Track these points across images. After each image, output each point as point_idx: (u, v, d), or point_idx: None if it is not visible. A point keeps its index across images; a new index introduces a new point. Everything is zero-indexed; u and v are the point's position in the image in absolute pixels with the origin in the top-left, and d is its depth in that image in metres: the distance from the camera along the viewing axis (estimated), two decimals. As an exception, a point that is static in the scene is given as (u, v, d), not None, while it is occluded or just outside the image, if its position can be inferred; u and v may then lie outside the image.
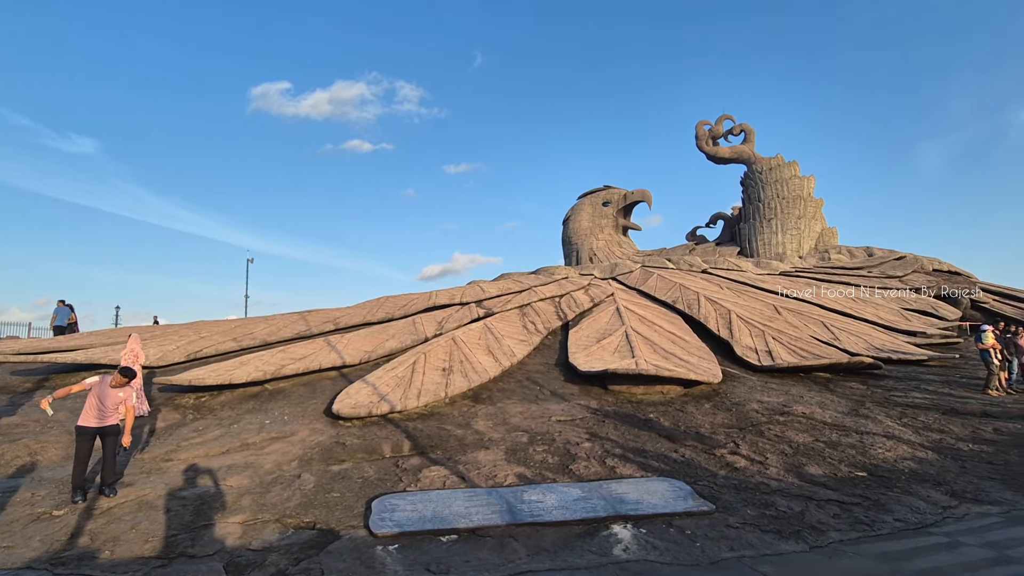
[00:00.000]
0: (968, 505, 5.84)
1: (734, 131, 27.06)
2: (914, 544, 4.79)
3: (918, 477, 6.62)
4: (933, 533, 5.10)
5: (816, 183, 24.36)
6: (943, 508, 5.72)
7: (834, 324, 15.55)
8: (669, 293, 17.94)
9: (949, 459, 7.30)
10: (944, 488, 6.30)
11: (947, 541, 4.89)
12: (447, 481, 6.15)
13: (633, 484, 5.94)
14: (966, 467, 7.01)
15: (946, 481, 6.50)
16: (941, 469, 6.91)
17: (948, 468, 6.95)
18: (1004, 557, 4.50)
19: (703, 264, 22.13)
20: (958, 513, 5.61)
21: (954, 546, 4.76)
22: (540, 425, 8.31)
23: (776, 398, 10.00)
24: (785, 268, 22.08)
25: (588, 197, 29.53)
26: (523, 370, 11.66)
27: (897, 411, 9.50)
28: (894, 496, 5.95)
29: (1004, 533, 5.07)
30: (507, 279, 21.00)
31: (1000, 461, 7.21)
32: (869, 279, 20.11)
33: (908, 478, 6.56)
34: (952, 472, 6.80)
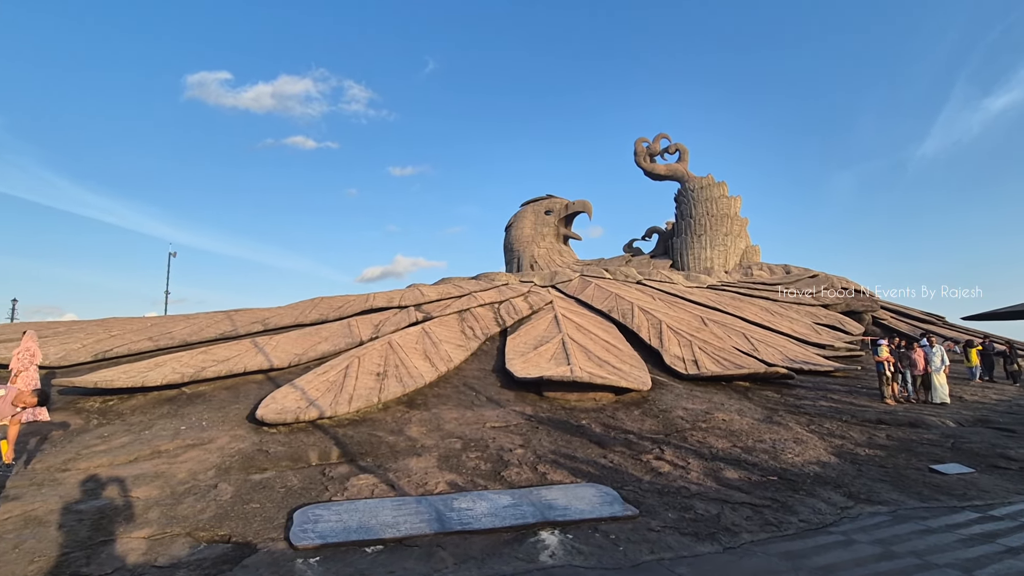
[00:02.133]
0: (862, 505, 6.38)
1: (670, 150, 28.35)
2: (814, 543, 5.17)
3: (821, 480, 7.16)
4: (832, 532, 5.53)
5: (742, 203, 25.94)
6: (841, 508, 6.22)
7: (754, 336, 16.57)
8: (605, 302, 18.46)
9: (848, 463, 7.96)
10: (843, 490, 6.85)
11: (843, 539, 5.32)
12: (376, 490, 6.01)
13: (563, 490, 6.06)
14: (862, 470, 7.66)
15: (845, 483, 7.07)
16: (841, 472, 7.51)
17: (847, 471, 7.57)
18: (889, 552, 4.96)
19: (638, 275, 22.95)
20: (853, 513, 6.11)
21: (848, 544, 5.19)
22: (474, 431, 8.30)
23: (700, 405, 10.51)
24: (712, 282, 23.29)
25: (531, 205, 29.92)
26: (460, 375, 11.62)
27: (806, 418, 10.24)
28: (799, 498, 6.41)
29: (891, 531, 5.58)
30: (448, 284, 20.87)
31: (890, 464, 7.94)
32: (786, 294, 21.61)
33: (813, 481, 7.08)
34: (850, 475, 7.41)
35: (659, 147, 28.33)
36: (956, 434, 9.66)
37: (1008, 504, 6.61)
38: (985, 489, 7.16)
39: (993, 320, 25.37)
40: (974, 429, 10.03)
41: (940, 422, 10.36)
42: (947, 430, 9.87)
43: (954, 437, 9.46)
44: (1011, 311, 24.17)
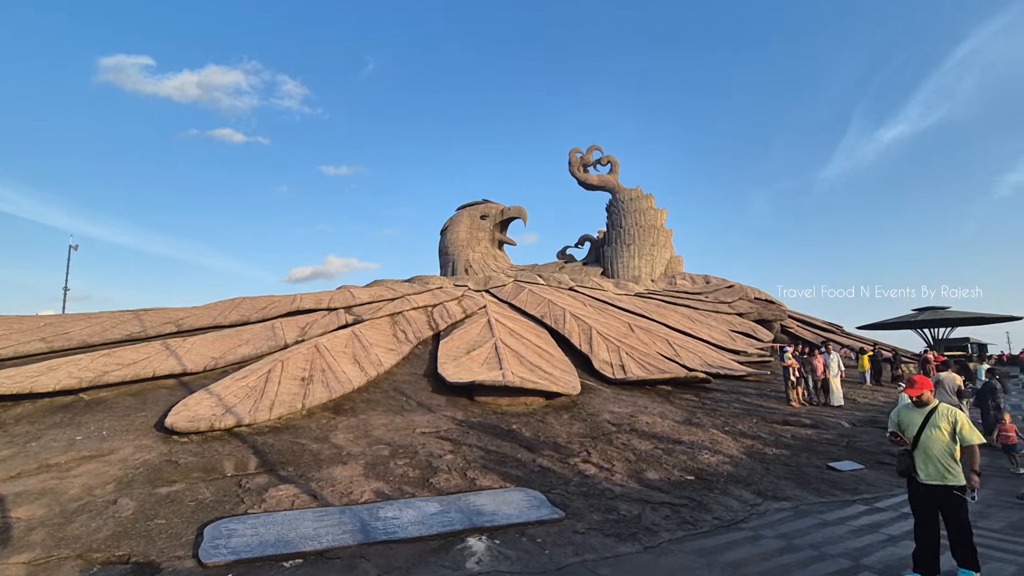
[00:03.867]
0: (769, 502, 6.87)
1: (602, 161, 29.31)
2: (726, 539, 5.51)
3: (734, 479, 7.64)
4: (742, 528, 5.92)
5: (667, 215, 27.29)
6: (751, 506, 6.67)
7: (677, 342, 17.43)
8: (538, 308, 18.74)
9: (758, 462, 8.54)
10: (752, 488, 7.35)
11: (752, 535, 5.70)
12: (296, 500, 5.75)
13: (491, 495, 6.08)
14: (770, 469, 8.25)
15: (754, 481, 7.59)
16: (751, 471, 8.05)
17: (756, 470, 8.12)
18: (791, 546, 5.37)
19: (570, 282, 23.50)
20: (761, 509, 6.57)
21: (756, 539, 5.57)
22: (404, 437, 8.15)
23: (625, 408, 10.91)
24: (640, 290, 24.27)
25: (467, 209, 29.87)
26: (390, 380, 11.37)
27: (721, 420, 10.89)
28: (714, 497, 6.80)
29: (793, 525, 6.05)
30: (380, 286, 20.38)
31: (794, 463, 8.61)
32: (705, 303, 22.91)
33: (726, 480, 7.54)
34: (759, 473, 7.96)
35: (592, 158, 29.24)
36: (850, 434, 10.62)
37: (891, 496, 7.35)
38: (873, 484, 7.92)
39: (882, 329, 28.21)
40: (864, 429, 11.08)
41: (837, 423, 11.36)
42: (842, 430, 10.84)
43: (848, 436, 10.41)
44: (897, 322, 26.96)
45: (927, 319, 24.86)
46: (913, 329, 26.15)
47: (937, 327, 25.48)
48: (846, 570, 4.81)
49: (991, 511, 6.68)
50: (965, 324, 25.70)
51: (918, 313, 25.39)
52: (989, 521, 6.27)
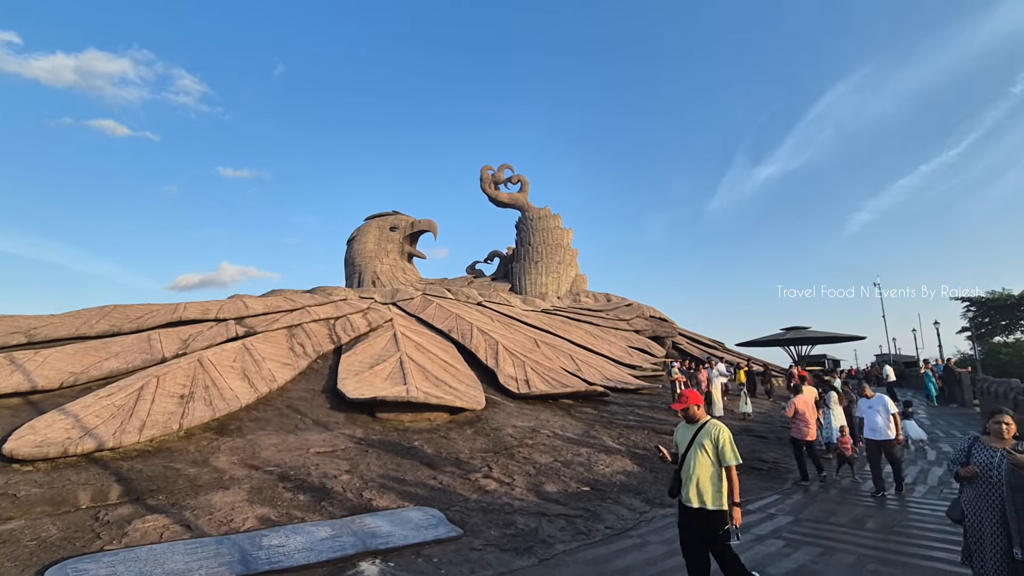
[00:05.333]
0: (656, 509, 7.31)
1: (512, 180, 30.02)
2: (617, 547, 5.77)
3: (626, 488, 8.04)
4: (631, 536, 6.23)
5: (573, 235, 28.48)
6: (640, 513, 7.04)
7: (579, 357, 18.10)
8: (446, 322, 18.62)
9: (648, 471, 9.06)
10: (642, 496, 7.78)
11: (640, 542, 6.02)
12: (166, 532, 5.20)
13: (388, 516, 5.89)
14: (658, 477, 8.78)
15: (644, 490, 8.03)
16: (642, 480, 8.52)
17: (646, 479, 8.61)
18: (673, 551, 5.71)
19: (479, 297, 23.64)
20: (649, 516, 6.97)
21: (643, 545, 5.88)
22: (296, 458, 7.68)
23: (528, 423, 11.11)
24: (546, 306, 24.98)
25: (376, 220, 29.14)
26: (284, 397, 10.69)
27: (616, 432, 11.44)
28: (607, 506, 7.11)
29: (675, 531, 6.46)
30: (278, 296, 19.18)
31: (680, 471, 9.23)
32: (606, 320, 24.08)
33: (619, 489, 7.91)
34: (648, 482, 8.45)
35: (503, 176, 29.86)
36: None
37: (760, 499, 8.12)
38: (746, 488, 8.69)
39: (756, 346, 31.28)
40: (739, 437, 12.16)
41: (717, 432, 12.36)
42: (722, 439, 11.82)
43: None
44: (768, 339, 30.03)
45: (792, 337, 28.09)
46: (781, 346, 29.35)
47: (800, 344, 28.82)
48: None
49: (840, 508, 7.58)
50: (823, 342, 29.34)
51: (785, 332, 28.60)
52: (837, 517, 7.12)
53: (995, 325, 31.15)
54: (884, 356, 37.28)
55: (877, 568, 5.20)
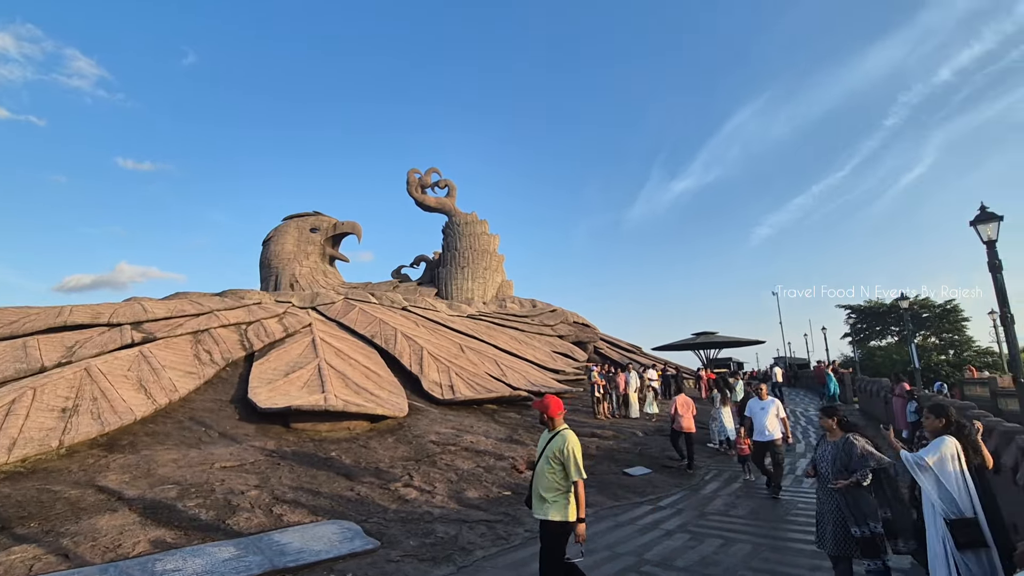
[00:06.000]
0: (574, 510, 7.51)
1: (440, 184, 29.83)
2: (533, 551, 5.85)
3: (546, 491, 8.20)
4: (549, 537, 6.36)
5: (500, 241, 28.75)
6: (558, 515, 7.20)
7: (504, 362, 18.25)
8: (369, 327, 18.11)
9: (568, 474, 9.29)
10: (561, 498, 7.96)
11: (557, 542, 6.16)
12: (36, 564, 4.64)
13: (300, 531, 5.63)
14: (577, 479, 9.03)
15: (563, 492, 8.23)
16: (561, 482, 8.72)
17: (566, 481, 8.83)
18: (589, 549, 5.89)
19: (404, 301, 23.22)
20: (567, 517, 7.14)
21: (560, 545, 6.03)
22: (198, 474, 7.14)
23: (451, 429, 11.04)
24: (472, 311, 24.98)
25: (295, 220, 27.82)
26: (187, 408, 9.92)
27: (538, 435, 11.63)
28: (527, 510, 7.20)
29: (592, 529, 6.65)
30: (182, 299, 17.76)
31: (597, 471, 9.55)
32: (531, 325, 24.49)
33: (539, 493, 8.05)
34: (568, 484, 8.66)
35: (430, 180, 29.58)
36: (642, 442, 12.16)
37: (670, 495, 8.58)
38: (658, 485, 9.16)
39: (670, 350, 33.05)
40: (653, 437, 12.78)
41: (632, 432, 12.92)
42: (637, 439, 12.37)
43: (641, 444, 11.90)
44: (680, 344, 31.84)
45: (702, 342, 30.02)
46: (692, 350, 31.26)
47: (709, 348, 30.85)
48: (631, 566, 5.46)
49: (739, 501, 8.17)
50: (729, 346, 31.57)
51: (696, 337, 30.50)
52: (737, 510, 7.67)
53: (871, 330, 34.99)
54: (781, 358, 40.75)
55: (768, 555, 5.66)
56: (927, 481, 3.78)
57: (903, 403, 11.52)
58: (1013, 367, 9.28)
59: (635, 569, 5.36)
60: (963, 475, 3.70)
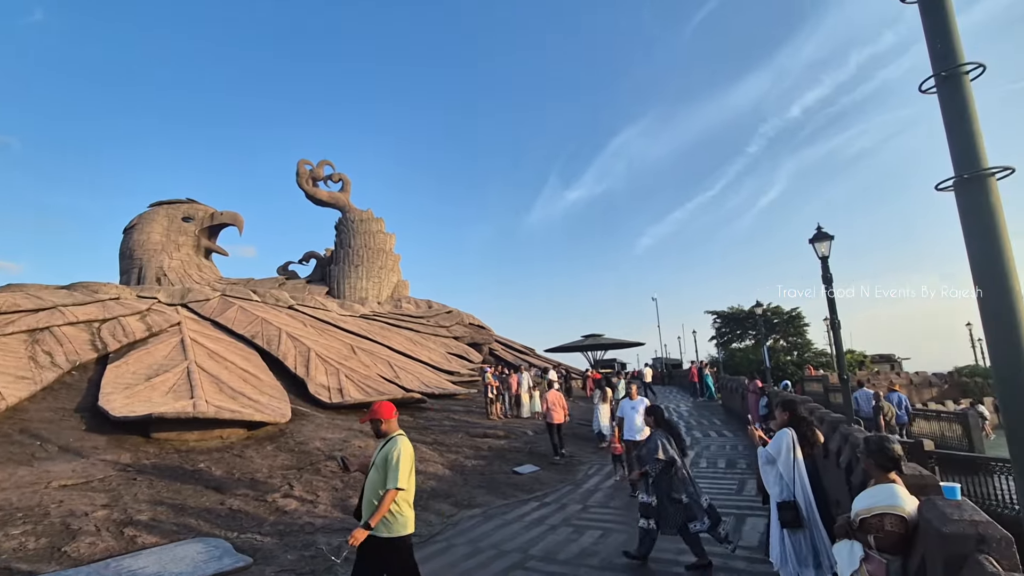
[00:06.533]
0: (464, 511, 7.57)
1: (333, 178, 28.46)
2: (421, 555, 5.80)
3: (436, 493, 8.17)
4: (438, 541, 6.35)
5: (396, 240, 28.10)
6: (447, 517, 7.22)
7: (398, 364, 17.88)
8: (249, 327, 16.81)
9: (458, 474, 9.34)
10: (451, 500, 7.99)
11: (445, 546, 6.17)
12: None
13: (157, 554, 5.09)
14: (467, 479, 9.11)
15: (454, 493, 8.26)
16: (452, 484, 8.75)
17: (456, 482, 8.87)
18: (477, 549, 6.01)
19: (291, 300, 21.85)
20: (456, 519, 7.19)
21: (448, 549, 6.05)
22: (28, 496, 6.17)
23: (339, 434, 10.59)
24: (365, 312, 24.16)
25: (164, 207, 25.03)
26: (17, 419, 8.53)
27: (431, 438, 11.56)
28: (417, 514, 7.10)
29: (481, 529, 6.79)
30: (16, 292, 15.18)
31: (488, 471, 9.71)
32: (427, 327, 24.24)
33: (429, 496, 8.00)
34: (458, 485, 8.71)
35: (323, 173, 28.09)
36: (532, 440, 12.56)
37: (556, 491, 8.95)
38: (545, 483, 9.51)
39: (562, 352, 34.47)
40: (543, 436, 13.23)
41: (523, 432, 13.30)
42: (527, 438, 12.75)
43: (531, 443, 12.28)
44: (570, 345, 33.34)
45: (590, 344, 31.69)
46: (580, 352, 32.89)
47: (596, 350, 32.64)
48: (517, 562, 5.62)
49: (618, 494, 8.73)
50: (614, 348, 33.63)
51: (585, 339, 32.12)
52: (615, 502, 8.20)
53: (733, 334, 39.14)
54: (659, 359, 44.21)
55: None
56: (771, 473, 4.34)
57: (756, 399, 13.04)
58: (838, 366, 10.90)
59: (520, 565, 5.53)
60: (795, 463, 4.29)
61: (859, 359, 31.68)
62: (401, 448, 3.52)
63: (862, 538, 2.99)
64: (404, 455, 3.52)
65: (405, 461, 3.50)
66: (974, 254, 3.51)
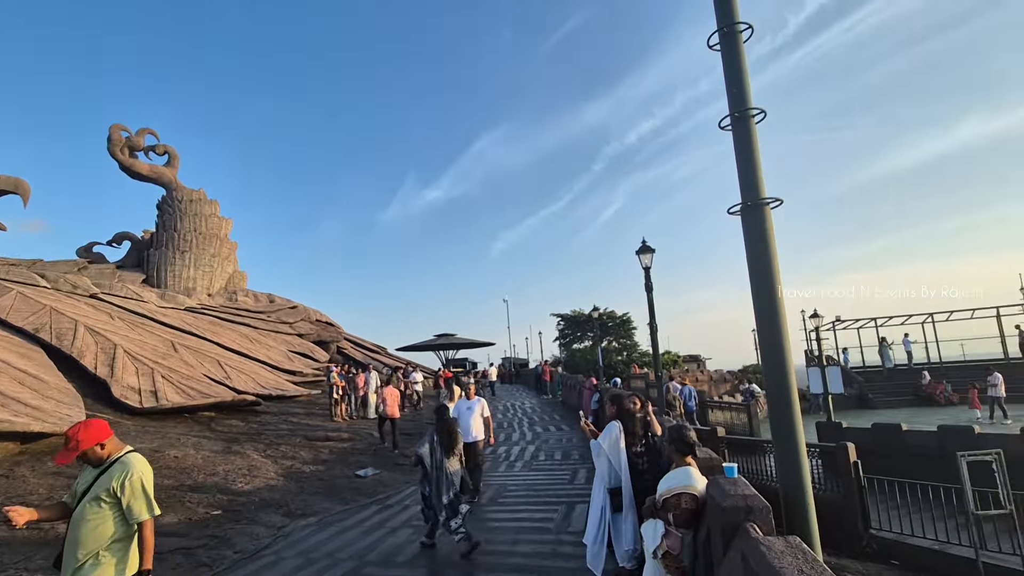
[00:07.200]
0: (298, 520, 7.12)
1: (157, 149, 24.69)
2: (245, 571, 5.36)
3: (266, 504, 7.57)
4: (264, 555, 5.89)
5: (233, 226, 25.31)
6: (278, 529, 6.74)
7: (229, 363, 16.16)
8: (32, 318, 13.88)
9: (294, 482, 8.75)
10: (284, 510, 7.46)
11: (274, 559, 5.74)
12: None
13: None
14: (304, 487, 8.58)
15: (287, 503, 7.73)
16: (286, 493, 8.17)
17: (291, 490, 8.31)
18: (309, 560, 5.69)
19: (93, 287, 18.50)
20: (288, 530, 6.73)
21: (277, 562, 5.64)
22: None
23: (150, 443, 9.27)
24: (193, 304, 21.43)
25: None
26: None
27: (264, 444, 10.67)
28: (241, 528, 6.54)
29: (315, 538, 6.45)
30: None
31: (327, 476, 9.25)
32: (267, 322, 22.27)
33: (258, 507, 7.38)
34: (292, 493, 8.17)
35: (143, 142, 24.13)
36: (377, 442, 12.26)
37: (399, 492, 8.84)
38: (389, 484, 9.34)
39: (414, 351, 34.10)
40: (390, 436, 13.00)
41: (369, 433, 12.92)
42: (373, 439, 12.41)
43: (376, 445, 11.99)
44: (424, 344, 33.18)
45: (442, 343, 31.83)
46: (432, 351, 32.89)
47: (448, 349, 32.89)
48: (352, 570, 5.45)
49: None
50: (466, 347, 34.21)
51: (437, 338, 32.18)
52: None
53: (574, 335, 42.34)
54: (508, 359, 46.04)
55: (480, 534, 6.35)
56: (602, 464, 4.80)
57: (590, 394, 14.29)
58: (655, 364, 12.47)
59: (356, 572, 5.37)
60: (620, 453, 4.81)
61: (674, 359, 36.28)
62: (142, 469, 2.78)
63: (664, 516, 3.48)
64: (148, 475, 2.80)
65: (150, 481, 2.79)
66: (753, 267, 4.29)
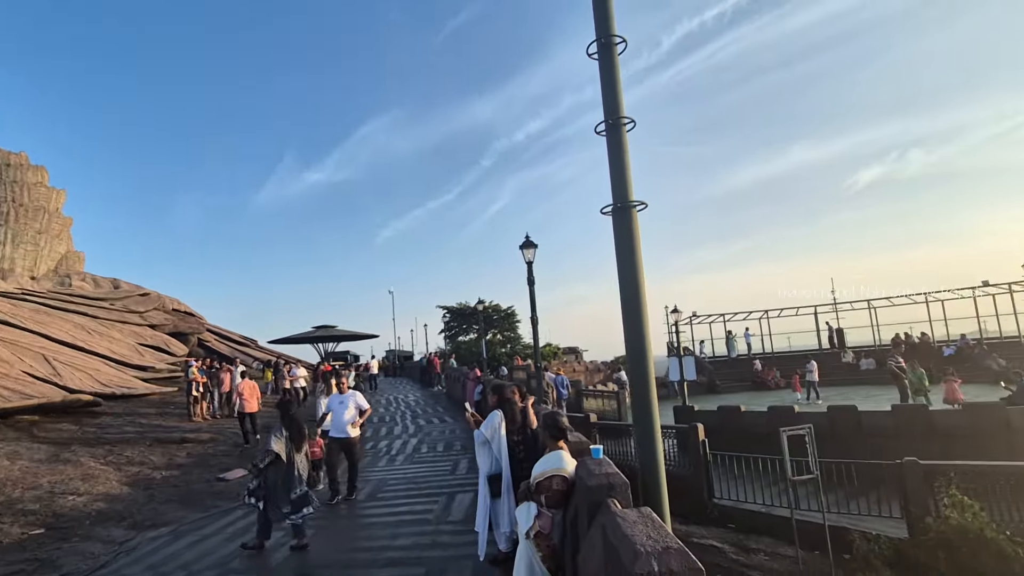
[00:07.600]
0: (145, 532, 6.38)
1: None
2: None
3: (104, 517, 6.68)
4: (101, 574, 5.20)
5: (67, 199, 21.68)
6: (120, 544, 5.98)
7: (59, 359, 13.92)
8: None
9: (141, 490, 7.81)
10: (128, 522, 6.64)
11: (113, 577, 5.10)
12: None
13: None
14: (154, 495, 7.70)
15: (131, 514, 6.88)
16: (131, 503, 7.27)
17: (137, 500, 7.41)
18: (158, 575, 5.14)
19: None
20: (133, 544, 6.00)
21: (118, 581, 5.02)
22: None
23: (-55, 457, 7.71)
24: (10, 288, 18.06)
25: None
26: None
27: (104, 449, 9.39)
28: (71, 547, 5.71)
29: (168, 551, 5.82)
30: None
31: (183, 482, 8.39)
32: (111, 311, 19.48)
33: (93, 521, 6.50)
34: (139, 503, 7.29)
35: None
36: (241, 442, 11.32)
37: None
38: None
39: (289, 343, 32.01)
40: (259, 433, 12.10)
41: (234, 432, 11.89)
42: (239, 439, 11.45)
43: (240, 447, 11.07)
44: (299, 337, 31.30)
45: (321, 335, 30.21)
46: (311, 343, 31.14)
47: (327, 342, 31.33)
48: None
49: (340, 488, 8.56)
50: (347, 340, 32.82)
51: (315, 330, 30.47)
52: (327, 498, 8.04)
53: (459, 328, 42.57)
54: (392, 351, 44.97)
55: (357, 533, 6.20)
56: (484, 453, 4.91)
57: (473, 385, 14.51)
58: (535, 356, 13.03)
59: (217, 581, 4.97)
60: (501, 440, 4.95)
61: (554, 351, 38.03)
62: None
63: (537, 498, 3.67)
64: None
65: None
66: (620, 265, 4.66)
